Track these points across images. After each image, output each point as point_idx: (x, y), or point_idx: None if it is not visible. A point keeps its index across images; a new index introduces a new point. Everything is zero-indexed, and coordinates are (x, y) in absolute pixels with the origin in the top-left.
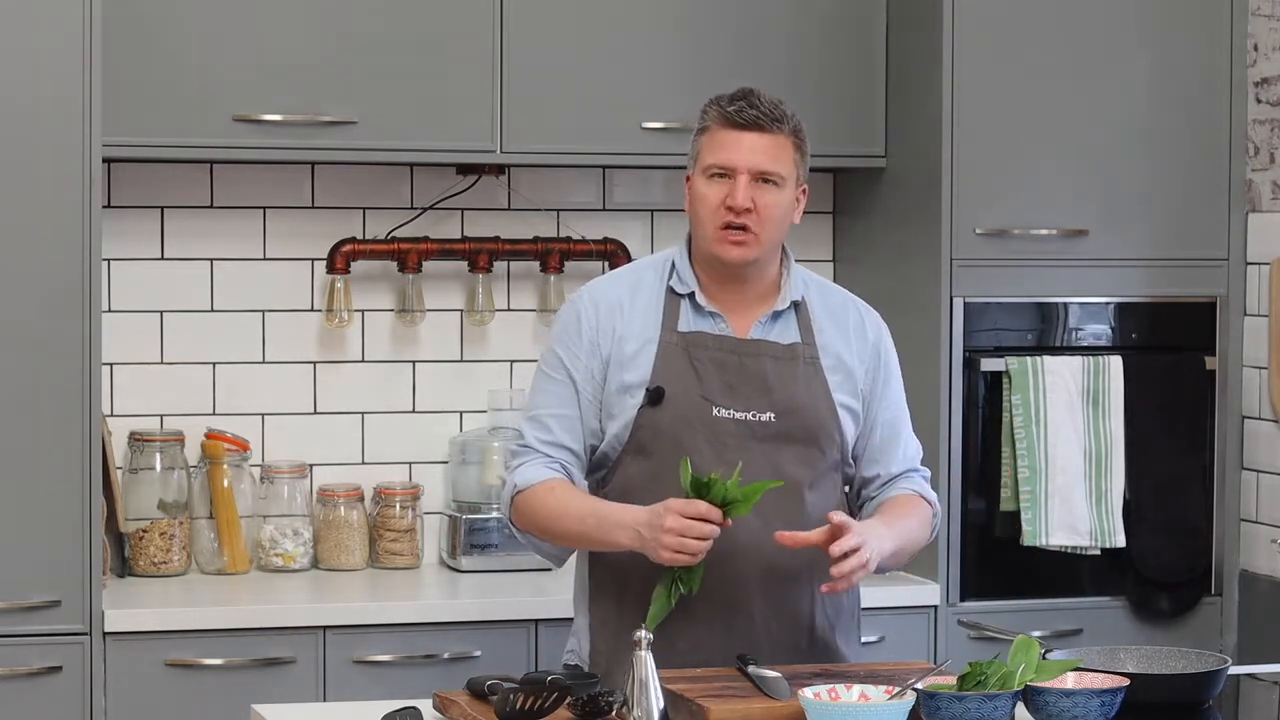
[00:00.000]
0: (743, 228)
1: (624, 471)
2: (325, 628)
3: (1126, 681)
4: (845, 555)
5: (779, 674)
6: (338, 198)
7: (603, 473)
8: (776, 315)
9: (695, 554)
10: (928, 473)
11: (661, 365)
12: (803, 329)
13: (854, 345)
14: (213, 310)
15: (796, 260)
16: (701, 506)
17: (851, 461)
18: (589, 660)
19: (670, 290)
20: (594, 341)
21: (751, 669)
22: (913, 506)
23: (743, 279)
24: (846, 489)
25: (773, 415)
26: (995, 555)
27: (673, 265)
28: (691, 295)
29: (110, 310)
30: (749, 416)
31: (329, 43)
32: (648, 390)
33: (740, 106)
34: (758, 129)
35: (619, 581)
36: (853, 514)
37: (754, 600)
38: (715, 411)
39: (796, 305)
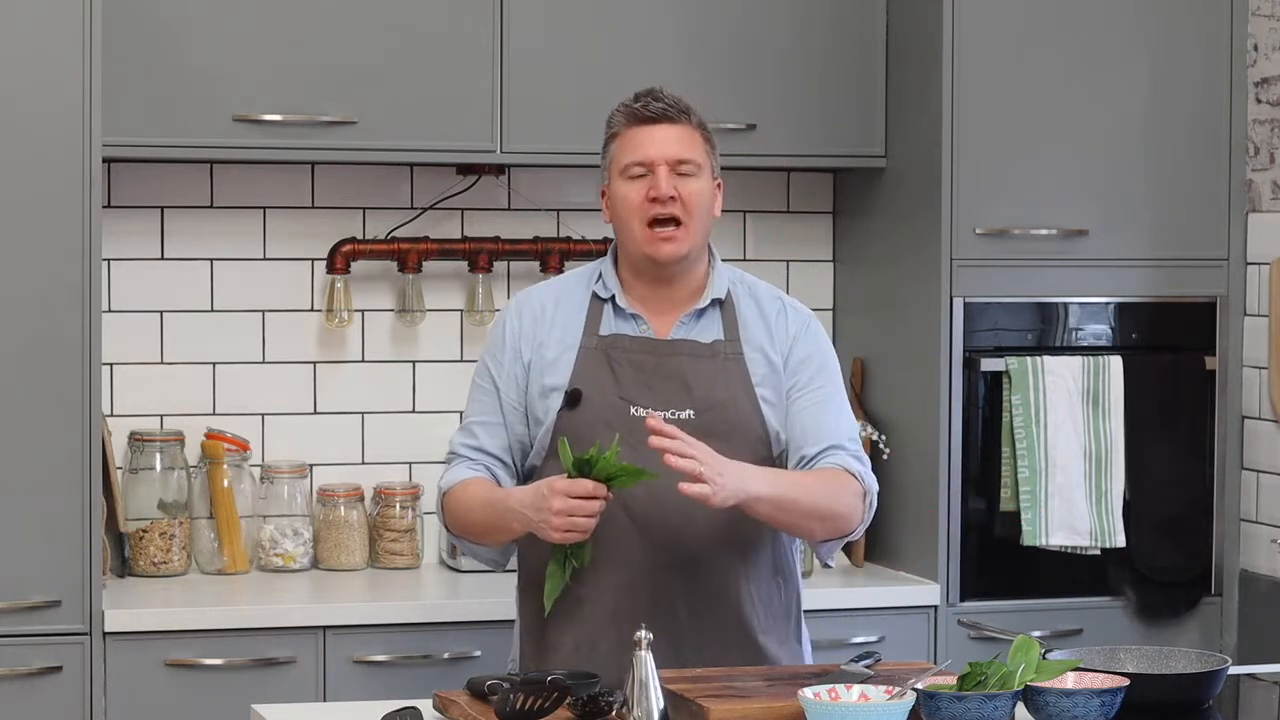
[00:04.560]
0: (672, 219)
1: (546, 474)
2: (325, 628)
3: (1126, 681)
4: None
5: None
6: (338, 198)
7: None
8: (700, 314)
9: (585, 531)
10: (858, 450)
11: (580, 369)
12: (726, 326)
13: (776, 341)
14: (213, 310)
15: (800, 261)
16: (587, 485)
17: (776, 458)
18: (520, 667)
19: (595, 296)
20: (516, 349)
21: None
22: (823, 472)
23: (671, 278)
24: None
25: (692, 413)
26: (995, 555)
27: (600, 272)
28: (613, 298)
29: (110, 310)
30: (668, 415)
31: (329, 43)
32: (566, 393)
33: (646, 102)
34: (667, 120)
35: (541, 586)
36: None
37: (677, 602)
38: (633, 411)
39: (720, 302)
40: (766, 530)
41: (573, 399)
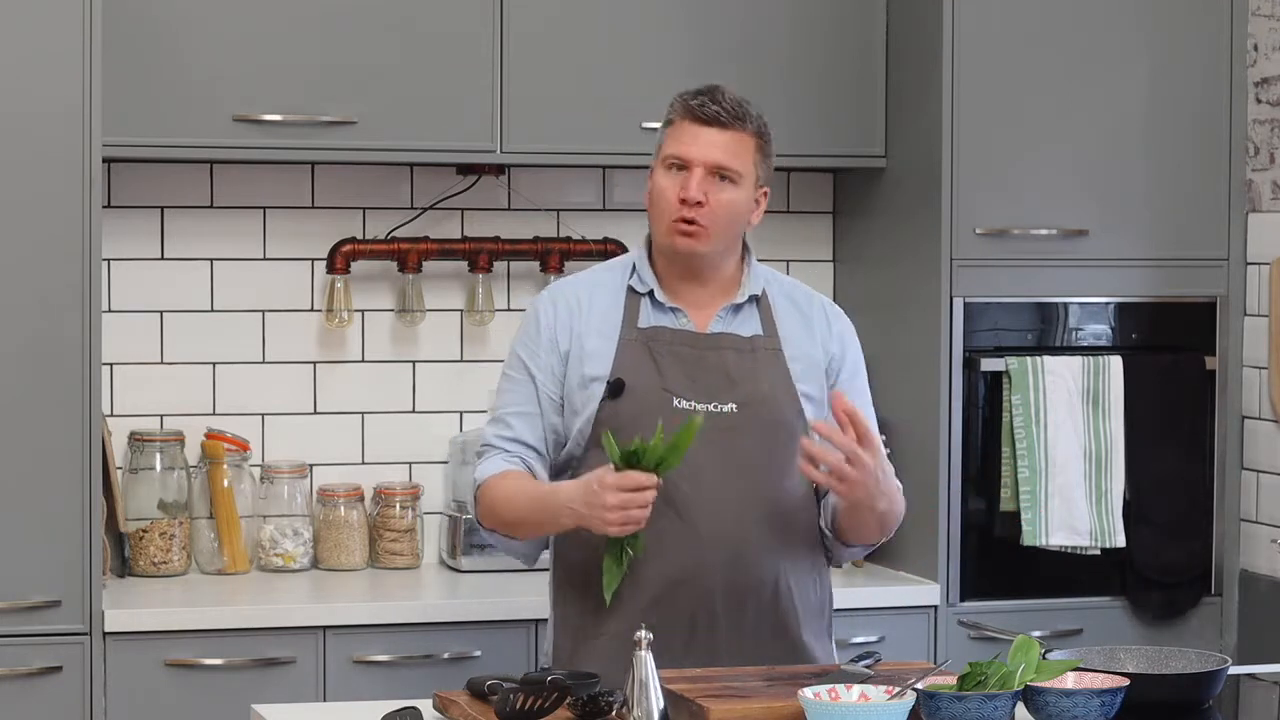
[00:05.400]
0: (691, 220)
1: (589, 466)
2: (325, 628)
3: (1126, 681)
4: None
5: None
6: (338, 198)
7: (570, 472)
8: (737, 309)
9: (640, 522)
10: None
11: (621, 359)
12: (764, 321)
13: (817, 335)
14: (213, 310)
15: (800, 261)
16: (637, 477)
17: None
18: (553, 660)
19: (631, 290)
20: (553, 339)
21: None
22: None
23: (698, 273)
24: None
25: (734, 406)
26: (995, 555)
27: (633, 266)
28: (651, 293)
29: (110, 310)
30: (711, 408)
31: (329, 43)
32: (608, 383)
33: (703, 101)
34: (718, 125)
35: (582, 579)
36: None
37: (716, 595)
38: (676, 403)
39: (757, 299)
40: (806, 524)
41: (616, 389)
